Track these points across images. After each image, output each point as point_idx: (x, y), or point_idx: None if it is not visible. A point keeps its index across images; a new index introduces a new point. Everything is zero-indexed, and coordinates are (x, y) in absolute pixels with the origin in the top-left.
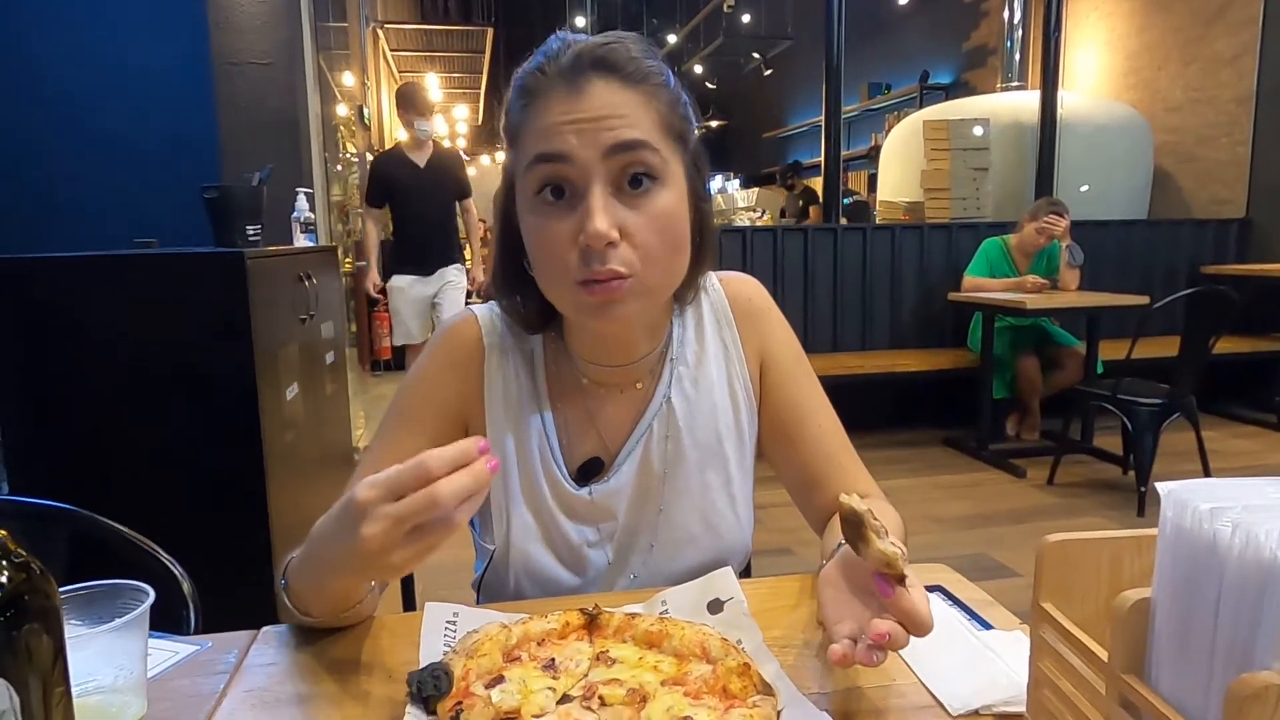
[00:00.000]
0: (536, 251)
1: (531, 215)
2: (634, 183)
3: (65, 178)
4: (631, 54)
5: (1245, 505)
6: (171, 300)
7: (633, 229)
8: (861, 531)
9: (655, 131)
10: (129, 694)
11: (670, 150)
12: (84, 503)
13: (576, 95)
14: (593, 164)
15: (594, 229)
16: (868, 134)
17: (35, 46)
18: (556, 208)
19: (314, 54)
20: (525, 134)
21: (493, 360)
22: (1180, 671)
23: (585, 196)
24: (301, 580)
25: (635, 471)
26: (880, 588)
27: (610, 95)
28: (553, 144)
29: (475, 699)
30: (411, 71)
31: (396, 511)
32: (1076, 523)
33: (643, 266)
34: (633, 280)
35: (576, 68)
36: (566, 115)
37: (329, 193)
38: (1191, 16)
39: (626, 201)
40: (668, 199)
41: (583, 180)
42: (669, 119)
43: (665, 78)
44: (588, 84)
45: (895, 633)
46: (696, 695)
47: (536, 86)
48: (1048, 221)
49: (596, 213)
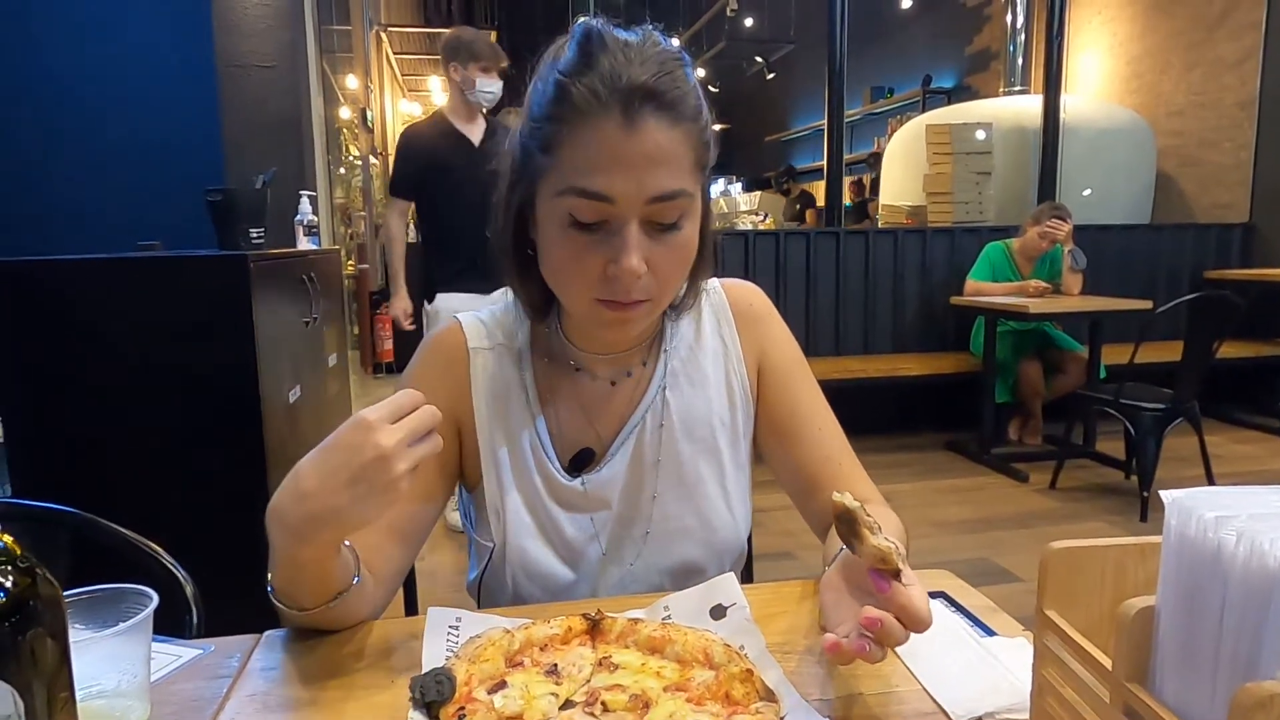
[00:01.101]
0: (559, 267)
1: (559, 234)
2: (667, 224)
3: (69, 180)
4: (681, 88)
5: (1250, 514)
6: (175, 303)
7: (657, 261)
8: (855, 528)
9: (690, 173)
10: (132, 698)
11: (696, 184)
12: (87, 505)
13: (632, 132)
14: (634, 207)
15: (628, 266)
16: (870, 138)
17: (40, 50)
18: (587, 232)
19: (317, 57)
20: (565, 152)
21: (478, 361)
22: (1185, 680)
23: (620, 232)
24: (279, 572)
25: (628, 461)
26: (876, 583)
27: (661, 135)
28: (600, 183)
29: (478, 704)
30: (415, 74)
31: (382, 414)
32: (1079, 528)
33: (660, 291)
34: (649, 304)
35: (631, 100)
36: (618, 153)
37: (332, 196)
38: (1195, 21)
39: (655, 236)
40: (689, 231)
41: (621, 219)
42: (699, 154)
43: (700, 103)
44: (643, 122)
45: (888, 622)
46: (699, 701)
47: (585, 106)
48: (1050, 226)
49: (631, 250)
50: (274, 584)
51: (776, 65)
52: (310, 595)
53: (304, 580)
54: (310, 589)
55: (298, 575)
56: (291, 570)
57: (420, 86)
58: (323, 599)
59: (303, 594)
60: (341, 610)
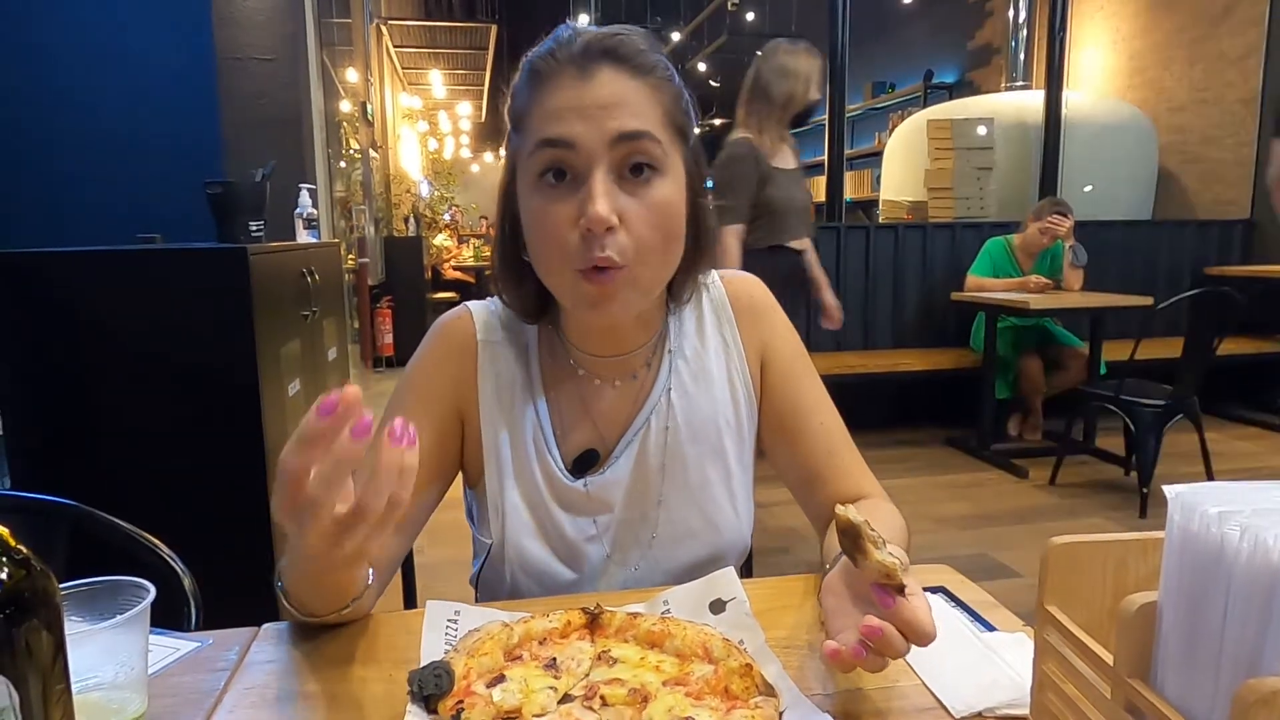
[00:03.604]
0: (536, 234)
1: (533, 197)
2: (635, 170)
3: (68, 173)
4: (639, 46)
5: (1254, 509)
6: (174, 296)
7: (631, 217)
8: (859, 543)
9: (659, 124)
10: (130, 691)
11: (672, 143)
12: (85, 498)
13: (586, 82)
14: (597, 151)
15: (595, 212)
16: (872, 133)
17: (39, 42)
18: (558, 190)
19: (317, 50)
20: (531, 117)
21: (486, 354)
22: (1186, 676)
23: (587, 180)
24: (294, 579)
25: (632, 464)
26: (880, 598)
27: (618, 84)
28: (559, 129)
29: (476, 698)
30: (415, 68)
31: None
32: (1078, 524)
33: (635, 256)
34: (626, 271)
35: (586, 55)
36: (575, 101)
37: (332, 189)
38: (1197, 16)
39: (627, 189)
40: (667, 189)
41: (586, 166)
42: (672, 113)
43: (670, 73)
44: (597, 71)
45: (889, 633)
46: (698, 696)
47: (546, 70)
48: (1051, 221)
49: (598, 197)
50: (287, 589)
51: None
52: (324, 604)
53: (321, 593)
54: (327, 600)
55: (317, 588)
56: (311, 585)
57: (420, 80)
58: (336, 607)
59: (317, 603)
60: (350, 613)
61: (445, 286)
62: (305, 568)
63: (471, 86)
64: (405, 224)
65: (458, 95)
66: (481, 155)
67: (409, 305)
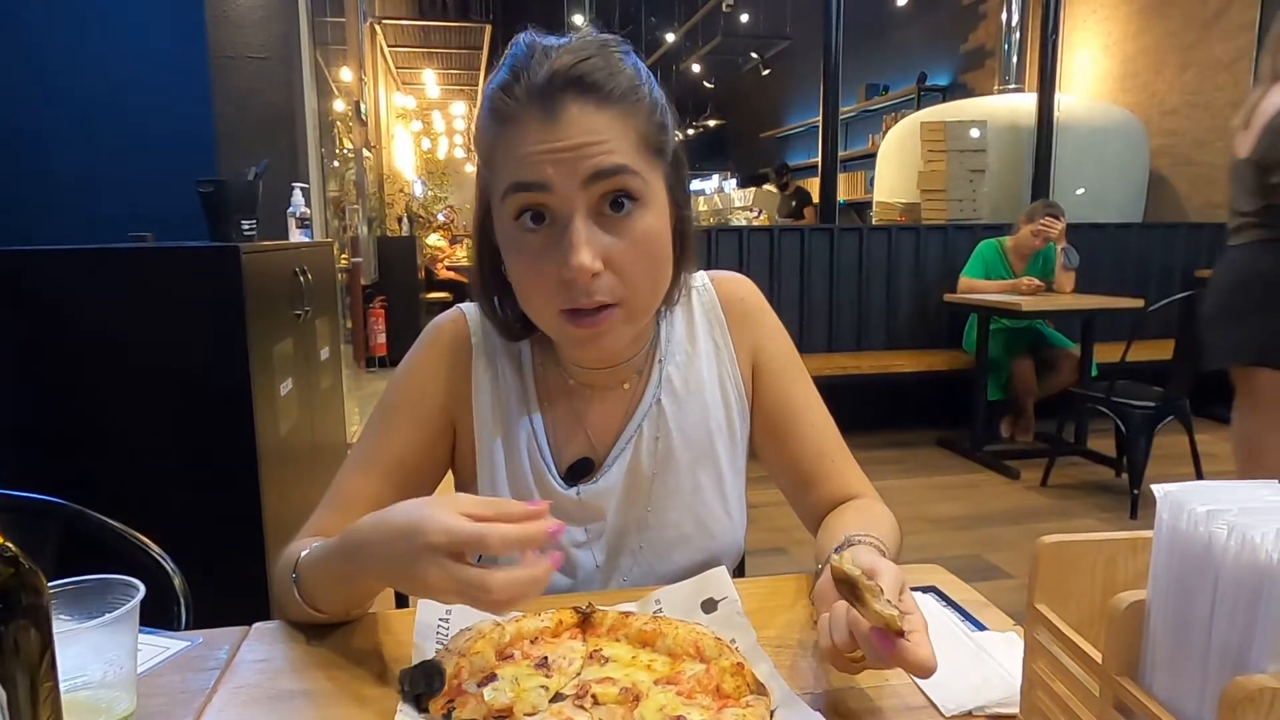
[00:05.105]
0: (519, 278)
1: (512, 245)
2: (615, 205)
3: (60, 171)
4: (608, 69)
5: (1241, 508)
6: (166, 294)
7: (616, 256)
8: (858, 593)
9: (634, 152)
10: (119, 689)
11: (650, 168)
12: (74, 497)
13: (552, 123)
14: (572, 193)
15: (577, 263)
16: (865, 135)
17: (31, 39)
18: (538, 235)
19: (311, 49)
20: (499, 158)
21: (481, 360)
22: (1175, 674)
23: (566, 227)
24: (319, 576)
25: (625, 472)
26: (880, 642)
27: (586, 120)
28: (530, 175)
29: (467, 697)
30: (409, 68)
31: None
32: (1070, 525)
33: (628, 292)
34: (619, 308)
35: (549, 89)
36: (543, 145)
37: (325, 188)
38: (1188, 21)
39: (608, 227)
40: (649, 220)
41: (563, 209)
42: (647, 135)
43: (639, 86)
44: (563, 110)
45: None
46: (690, 694)
47: (508, 112)
48: (1044, 224)
49: (580, 247)
50: (303, 583)
51: (772, 61)
52: (340, 608)
53: (344, 596)
54: (346, 604)
55: (341, 590)
56: (339, 586)
57: (414, 80)
58: (349, 609)
59: (332, 603)
60: (356, 615)
61: (439, 287)
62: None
63: (465, 86)
64: (399, 224)
65: (452, 95)
66: (475, 156)
67: (402, 305)
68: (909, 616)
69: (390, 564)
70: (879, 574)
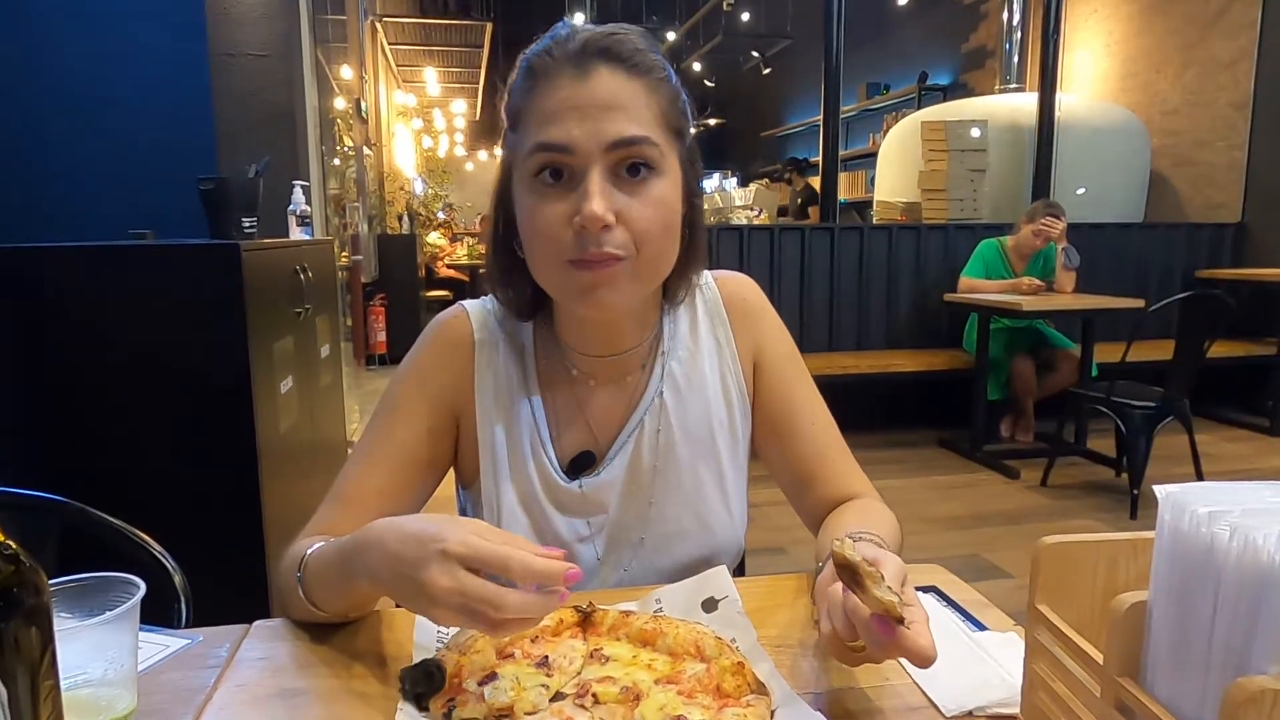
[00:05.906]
0: (530, 230)
1: (529, 195)
2: (632, 170)
3: (61, 169)
4: (637, 45)
5: (1243, 509)
6: (167, 292)
7: (628, 212)
8: (858, 579)
9: (655, 125)
10: (119, 687)
11: (668, 144)
12: (75, 495)
13: (583, 81)
14: (594, 155)
15: (590, 211)
16: (866, 134)
17: (32, 37)
18: (554, 188)
19: (312, 47)
20: (528, 115)
21: (483, 354)
22: (1176, 675)
23: (584, 180)
24: (325, 575)
25: (626, 465)
26: (880, 629)
27: (615, 84)
28: (556, 132)
29: (468, 696)
30: (410, 65)
31: (463, 583)
32: (1069, 525)
33: (637, 249)
34: (626, 262)
35: (584, 53)
36: (572, 101)
37: (325, 186)
38: (1190, 20)
39: (623, 188)
40: (663, 188)
41: (582, 167)
42: (668, 113)
43: (667, 73)
44: (594, 70)
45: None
46: (690, 694)
47: (543, 68)
48: (1044, 224)
49: (594, 196)
50: (307, 583)
51: (773, 60)
52: (342, 608)
53: (348, 597)
54: (349, 605)
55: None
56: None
57: (415, 78)
58: (351, 611)
59: (335, 603)
60: (357, 616)
61: (439, 284)
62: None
63: (466, 84)
64: (399, 222)
65: (452, 93)
66: (476, 153)
67: (402, 303)
68: (910, 608)
69: (397, 566)
70: (882, 564)
